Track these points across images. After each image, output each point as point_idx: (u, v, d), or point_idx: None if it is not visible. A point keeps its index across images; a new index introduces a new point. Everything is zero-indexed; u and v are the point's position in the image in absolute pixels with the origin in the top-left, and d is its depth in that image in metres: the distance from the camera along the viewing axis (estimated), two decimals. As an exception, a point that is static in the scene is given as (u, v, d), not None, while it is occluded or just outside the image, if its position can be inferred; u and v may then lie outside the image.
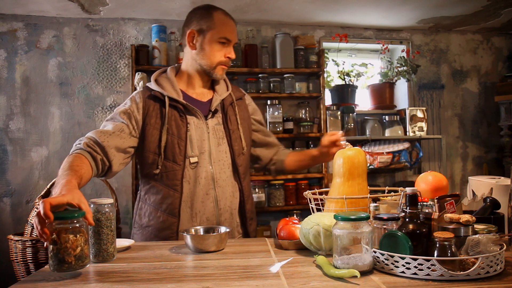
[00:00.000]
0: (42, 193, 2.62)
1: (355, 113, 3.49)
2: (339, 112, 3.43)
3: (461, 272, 0.92)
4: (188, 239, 1.27)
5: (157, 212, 1.55)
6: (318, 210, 1.33)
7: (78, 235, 1.02)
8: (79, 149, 1.40)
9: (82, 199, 1.08)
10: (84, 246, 1.04)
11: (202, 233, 1.37)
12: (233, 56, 1.63)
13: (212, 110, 1.62)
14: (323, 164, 3.35)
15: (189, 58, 1.67)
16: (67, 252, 1.01)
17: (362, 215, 1.00)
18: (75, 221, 1.03)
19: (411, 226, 1.01)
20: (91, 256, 1.18)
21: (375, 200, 1.30)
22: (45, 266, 1.11)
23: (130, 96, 1.62)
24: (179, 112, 1.57)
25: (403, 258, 0.96)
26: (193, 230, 1.37)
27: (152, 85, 1.61)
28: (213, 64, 1.62)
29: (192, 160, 1.55)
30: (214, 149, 1.59)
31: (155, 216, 1.56)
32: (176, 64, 1.73)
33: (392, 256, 0.97)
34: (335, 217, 1.02)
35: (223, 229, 1.35)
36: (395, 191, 1.35)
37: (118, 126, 1.51)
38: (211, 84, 1.71)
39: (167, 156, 1.53)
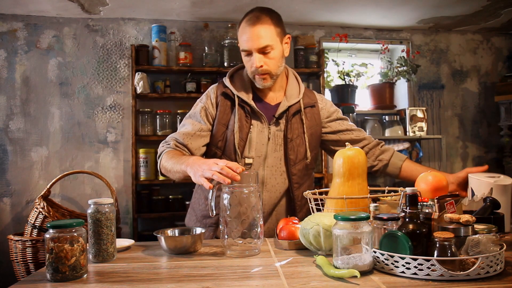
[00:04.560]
0: (42, 193, 2.63)
1: (355, 113, 3.49)
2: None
3: (461, 272, 0.92)
4: (162, 241, 1.26)
5: (207, 200, 1.61)
6: (318, 210, 1.33)
7: (75, 245, 1.02)
8: (169, 148, 1.55)
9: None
10: (80, 257, 1.02)
11: (177, 235, 1.36)
12: (255, 65, 1.52)
13: (276, 117, 1.61)
14: (323, 164, 3.36)
15: None
16: (61, 262, 1.00)
17: (362, 215, 0.99)
18: (73, 230, 1.03)
19: (411, 226, 1.01)
20: (91, 256, 1.18)
21: (375, 200, 1.30)
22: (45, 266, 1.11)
23: (206, 92, 1.67)
24: (246, 113, 1.58)
25: (403, 258, 0.96)
26: (169, 232, 1.36)
27: (227, 81, 1.64)
28: (250, 76, 1.59)
29: (247, 161, 1.57)
30: (271, 154, 1.60)
31: (202, 203, 1.65)
32: None
33: (392, 256, 0.97)
34: (335, 217, 1.02)
35: (198, 231, 1.35)
36: (395, 191, 1.35)
37: (197, 126, 1.59)
38: (286, 86, 1.66)
39: (225, 153, 1.58)
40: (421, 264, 0.93)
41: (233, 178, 1.19)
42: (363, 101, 3.78)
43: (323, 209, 1.34)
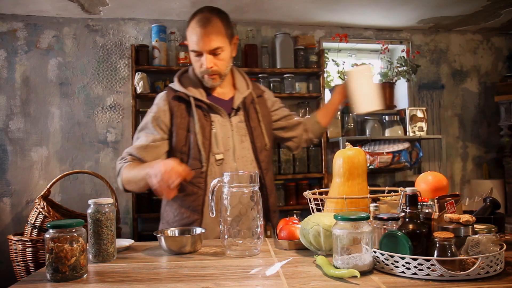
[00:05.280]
0: (42, 193, 2.63)
1: (355, 113, 3.49)
2: (339, 112, 3.43)
3: (461, 272, 0.92)
4: (162, 241, 1.26)
5: (181, 208, 1.60)
6: (318, 210, 1.33)
7: (74, 245, 1.02)
8: (127, 163, 1.53)
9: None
10: (80, 257, 1.02)
11: (177, 235, 1.36)
12: (205, 66, 1.57)
13: (235, 108, 1.65)
14: (323, 164, 3.36)
15: None
16: (61, 262, 1.00)
17: (362, 215, 1.00)
18: (73, 230, 1.03)
19: (411, 226, 1.01)
20: (91, 256, 1.18)
21: (375, 200, 1.30)
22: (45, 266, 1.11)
23: (155, 101, 1.67)
24: (203, 111, 1.60)
25: (403, 258, 0.96)
26: (169, 232, 1.36)
27: (176, 85, 1.64)
28: (199, 75, 1.64)
29: (218, 157, 1.59)
30: (238, 146, 1.63)
31: (179, 213, 1.61)
32: None
33: (392, 256, 0.97)
34: (335, 217, 1.02)
35: (198, 231, 1.35)
36: (395, 191, 1.35)
37: (150, 137, 1.58)
38: (233, 81, 1.73)
39: (192, 155, 1.57)
40: (421, 264, 0.93)
41: (167, 195, 1.27)
42: (363, 101, 3.77)
43: (323, 209, 1.34)
